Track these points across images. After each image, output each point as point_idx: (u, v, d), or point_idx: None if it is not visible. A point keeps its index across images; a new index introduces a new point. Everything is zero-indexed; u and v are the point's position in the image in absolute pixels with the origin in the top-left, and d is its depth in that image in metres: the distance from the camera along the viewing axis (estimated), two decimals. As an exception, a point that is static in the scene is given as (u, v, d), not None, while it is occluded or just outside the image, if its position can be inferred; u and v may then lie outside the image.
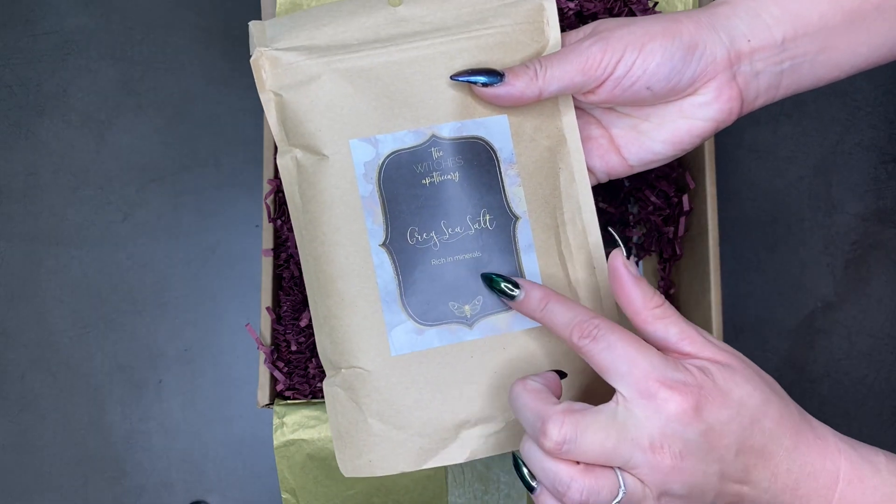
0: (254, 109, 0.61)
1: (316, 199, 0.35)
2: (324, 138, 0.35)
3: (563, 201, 0.36)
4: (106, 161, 0.61)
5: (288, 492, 0.47)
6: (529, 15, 0.36)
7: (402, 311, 0.35)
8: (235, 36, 0.62)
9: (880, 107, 0.62)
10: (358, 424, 0.35)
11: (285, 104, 0.35)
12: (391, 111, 0.35)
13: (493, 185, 0.35)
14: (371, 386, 0.35)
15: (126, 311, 0.60)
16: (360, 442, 0.35)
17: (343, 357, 0.35)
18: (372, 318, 0.35)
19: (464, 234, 0.35)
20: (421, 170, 0.35)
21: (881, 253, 0.61)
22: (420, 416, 0.35)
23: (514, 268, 0.35)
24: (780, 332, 0.61)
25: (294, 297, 0.50)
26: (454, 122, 0.35)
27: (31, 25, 0.61)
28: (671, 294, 0.55)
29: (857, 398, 0.60)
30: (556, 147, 0.36)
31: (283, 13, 0.48)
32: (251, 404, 0.60)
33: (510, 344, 0.35)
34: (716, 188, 0.50)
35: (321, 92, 0.35)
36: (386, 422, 0.35)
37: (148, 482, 0.59)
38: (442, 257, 0.35)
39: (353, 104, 0.35)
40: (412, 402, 0.35)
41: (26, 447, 0.59)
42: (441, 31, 0.36)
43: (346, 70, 0.35)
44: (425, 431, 0.35)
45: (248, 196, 0.61)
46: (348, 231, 0.35)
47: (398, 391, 0.34)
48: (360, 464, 0.35)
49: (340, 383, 0.35)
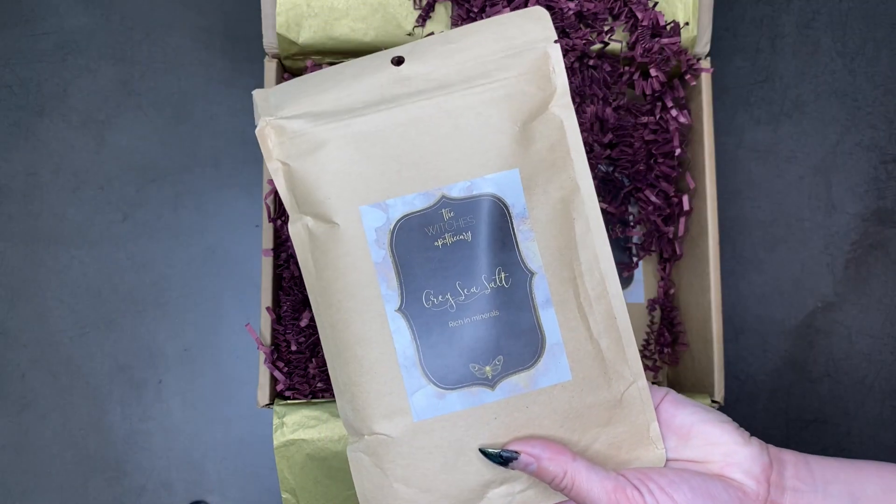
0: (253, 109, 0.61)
1: (329, 267, 0.35)
2: (333, 206, 0.35)
3: (579, 252, 0.36)
4: (106, 161, 0.61)
5: (288, 492, 0.47)
6: (534, 64, 0.36)
7: (421, 375, 0.34)
8: (235, 36, 0.62)
9: (880, 107, 0.62)
10: (384, 489, 0.35)
11: (293, 173, 0.35)
12: (399, 174, 0.35)
13: (506, 242, 0.35)
14: (395, 452, 0.35)
15: (126, 311, 0.60)
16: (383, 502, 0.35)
17: (365, 424, 0.35)
18: (392, 384, 0.34)
19: (480, 294, 0.35)
20: (432, 232, 0.35)
21: (881, 253, 0.61)
22: (445, 478, 0.34)
23: (533, 324, 0.35)
24: (780, 332, 0.61)
25: (294, 297, 0.50)
26: (463, 181, 0.35)
27: (31, 25, 0.61)
28: (671, 294, 0.55)
29: (857, 398, 0.60)
30: (569, 197, 0.36)
31: (283, 13, 0.48)
32: (251, 404, 0.60)
33: (533, 403, 0.35)
34: (716, 188, 0.50)
35: (328, 159, 0.35)
36: (411, 486, 0.35)
37: (148, 482, 0.59)
38: (459, 319, 0.35)
39: (360, 170, 0.35)
40: (437, 466, 0.34)
41: (26, 447, 0.59)
42: (445, 87, 0.35)
43: (352, 135, 0.35)
44: (451, 493, 0.34)
45: (248, 196, 0.61)
46: (363, 297, 0.34)
47: (422, 456, 0.34)
48: None
49: (364, 449, 0.35)
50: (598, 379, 0.35)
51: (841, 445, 0.60)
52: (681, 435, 0.35)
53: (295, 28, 0.48)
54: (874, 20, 0.62)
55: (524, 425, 0.34)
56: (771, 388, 0.60)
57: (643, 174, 0.52)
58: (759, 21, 0.62)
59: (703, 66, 0.50)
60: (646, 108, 0.52)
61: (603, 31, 0.49)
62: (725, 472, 0.33)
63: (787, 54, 0.62)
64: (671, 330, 0.54)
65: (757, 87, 0.62)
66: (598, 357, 0.35)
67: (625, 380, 0.35)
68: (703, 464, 0.34)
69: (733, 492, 0.32)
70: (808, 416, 0.60)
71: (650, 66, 0.50)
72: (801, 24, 0.62)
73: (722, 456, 0.33)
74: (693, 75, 0.50)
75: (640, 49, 0.49)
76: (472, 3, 0.48)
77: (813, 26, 0.62)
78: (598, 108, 0.50)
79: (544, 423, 0.35)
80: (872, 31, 0.62)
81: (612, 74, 0.51)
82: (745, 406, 0.60)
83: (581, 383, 0.35)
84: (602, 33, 0.49)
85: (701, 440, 0.34)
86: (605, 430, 0.35)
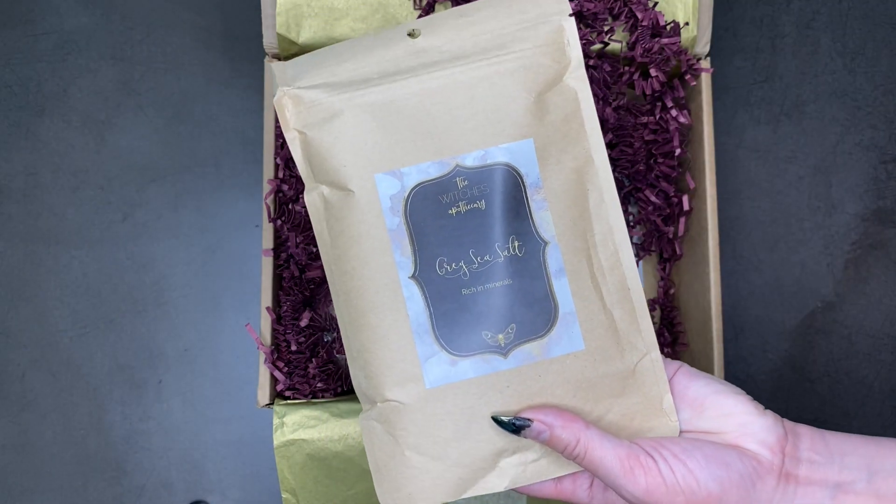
0: (254, 109, 0.61)
1: (344, 234, 0.35)
2: (349, 174, 0.35)
3: (592, 223, 0.36)
4: (106, 161, 0.61)
5: (288, 492, 0.47)
6: (549, 36, 0.36)
7: (434, 342, 0.35)
8: (236, 36, 0.62)
9: (880, 107, 0.62)
10: (395, 457, 0.35)
11: (310, 142, 0.36)
12: (414, 143, 0.35)
13: (520, 211, 0.35)
14: (407, 419, 0.35)
15: (126, 311, 0.60)
16: (399, 475, 0.35)
17: (378, 391, 0.35)
18: (405, 351, 0.35)
19: (493, 262, 0.35)
20: (447, 200, 0.35)
21: (881, 253, 0.61)
22: (458, 446, 0.35)
23: (546, 293, 0.35)
24: (780, 332, 0.61)
25: (294, 297, 0.50)
26: (477, 150, 0.35)
27: (31, 25, 0.61)
28: (671, 294, 0.55)
29: (857, 398, 0.60)
30: (583, 168, 0.36)
31: (283, 13, 0.48)
32: (251, 404, 0.59)
33: (546, 371, 0.35)
34: (716, 188, 0.50)
35: (344, 128, 0.35)
36: (423, 454, 0.35)
37: (148, 482, 0.59)
38: (472, 286, 0.35)
39: (376, 138, 0.35)
40: (449, 434, 0.35)
41: (26, 447, 0.59)
42: (460, 59, 0.35)
43: (368, 104, 0.35)
44: (463, 462, 0.35)
45: (248, 196, 0.61)
46: (377, 264, 0.35)
47: (434, 423, 0.35)
48: (400, 497, 0.35)
49: (376, 417, 0.35)
50: (612, 349, 0.35)
51: (841, 445, 0.60)
52: (694, 406, 0.35)
53: (295, 28, 0.48)
54: (874, 20, 0.62)
55: (537, 394, 0.35)
56: (771, 388, 0.60)
57: (643, 174, 0.52)
58: (759, 21, 0.62)
59: (703, 66, 0.50)
60: (646, 108, 0.52)
61: (603, 31, 0.49)
62: (740, 442, 0.33)
63: (787, 54, 0.62)
64: (671, 330, 0.54)
65: (757, 87, 0.62)
66: (612, 327, 0.35)
67: (638, 351, 0.36)
68: (717, 434, 0.34)
69: (748, 461, 0.32)
70: (808, 416, 0.60)
71: (650, 66, 0.50)
72: (801, 24, 0.62)
73: (736, 426, 0.33)
74: (693, 75, 0.50)
75: (640, 49, 0.49)
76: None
77: (813, 26, 0.62)
78: (599, 108, 0.50)
79: (557, 392, 0.35)
80: (872, 31, 0.62)
81: (612, 74, 0.51)
82: (745, 406, 0.60)
83: (594, 353, 0.35)
84: (602, 33, 0.49)
85: (715, 411, 0.34)
86: (618, 400, 0.35)
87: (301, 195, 0.50)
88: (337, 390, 0.50)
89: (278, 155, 0.50)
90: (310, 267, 0.50)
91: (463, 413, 0.35)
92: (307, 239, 0.50)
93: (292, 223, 0.49)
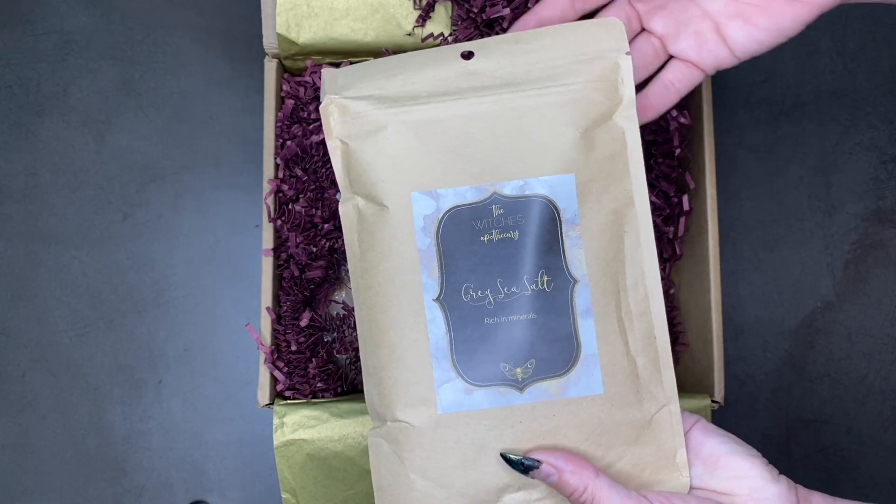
0: (254, 109, 0.61)
1: (374, 249, 0.35)
2: (386, 189, 0.35)
3: (626, 265, 0.35)
4: (106, 161, 0.61)
5: (288, 492, 0.47)
6: (604, 73, 0.35)
7: (451, 368, 0.34)
8: (236, 36, 0.62)
9: (880, 107, 0.62)
10: (400, 478, 0.35)
11: (351, 153, 0.35)
12: (454, 166, 0.34)
13: (553, 246, 0.35)
14: (415, 441, 0.34)
15: (126, 311, 0.60)
16: (401, 496, 0.35)
17: (389, 409, 0.35)
18: (421, 374, 0.34)
19: (520, 294, 0.34)
20: (480, 226, 0.35)
21: (881, 253, 0.61)
22: (463, 476, 0.34)
23: (570, 332, 0.35)
24: (780, 332, 0.61)
25: (294, 297, 0.50)
26: (517, 180, 0.34)
27: (31, 25, 0.61)
28: (671, 294, 0.55)
29: (857, 398, 0.60)
30: (622, 209, 0.35)
31: (283, 13, 0.48)
32: (251, 404, 0.60)
33: (560, 411, 0.34)
34: (716, 188, 0.50)
35: (387, 143, 0.35)
36: (428, 479, 0.34)
37: (148, 482, 0.59)
38: (496, 316, 0.34)
39: (417, 157, 0.35)
40: (456, 462, 0.34)
41: (26, 447, 0.59)
42: (511, 86, 0.35)
43: (413, 122, 0.35)
44: (468, 492, 0.34)
45: (248, 196, 0.61)
46: (403, 283, 0.34)
47: (443, 450, 0.34)
48: None
49: (385, 435, 0.35)
50: (630, 396, 0.35)
51: (841, 445, 0.60)
52: (708, 464, 0.34)
53: (295, 28, 0.48)
54: (874, 20, 0.62)
55: (549, 433, 0.34)
56: (771, 388, 0.60)
57: (643, 174, 0.52)
58: (759, 21, 0.62)
59: (703, 66, 0.50)
60: (646, 108, 0.52)
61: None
62: None
63: (787, 54, 0.62)
64: (671, 330, 0.54)
65: (757, 87, 0.62)
66: (633, 374, 0.35)
67: (657, 401, 0.35)
68: (727, 496, 0.33)
69: None
70: (808, 415, 0.60)
71: (650, 66, 0.50)
72: (801, 24, 0.62)
73: (748, 490, 0.33)
74: (693, 75, 0.50)
75: (640, 49, 0.49)
76: (472, 3, 0.48)
77: (813, 26, 0.62)
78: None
79: (570, 433, 0.34)
80: (872, 31, 0.62)
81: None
82: (745, 406, 0.60)
83: (612, 398, 0.35)
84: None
85: (728, 472, 0.34)
86: (631, 449, 0.35)
87: (301, 195, 0.50)
88: (337, 390, 0.50)
89: (278, 155, 0.50)
90: (310, 267, 0.50)
91: (472, 443, 0.34)
92: (307, 239, 0.50)
93: (292, 223, 0.49)
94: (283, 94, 0.51)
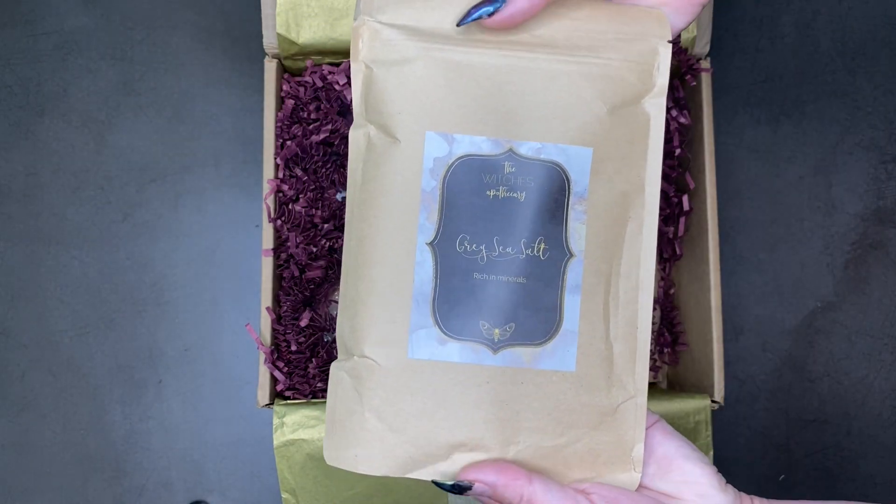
0: (254, 109, 0.61)
1: (377, 181, 0.34)
2: (402, 122, 0.34)
3: (623, 251, 0.35)
4: (106, 161, 0.61)
5: (288, 492, 0.47)
6: (641, 55, 0.35)
7: (430, 315, 0.34)
8: (236, 36, 0.62)
9: (880, 107, 0.62)
10: (354, 415, 0.34)
11: (373, 79, 0.34)
12: (475, 114, 0.34)
13: (556, 216, 0.34)
14: (378, 381, 0.34)
15: (126, 311, 0.60)
16: (352, 434, 0.34)
17: (358, 344, 0.34)
18: (398, 314, 0.34)
19: (514, 257, 0.34)
20: (489, 181, 0.34)
21: (881, 253, 0.61)
22: (418, 424, 0.34)
23: (555, 304, 0.34)
24: (780, 332, 0.61)
25: (294, 297, 0.50)
26: (535, 142, 0.34)
27: (31, 25, 0.61)
28: (671, 294, 0.55)
29: (857, 398, 0.60)
30: (631, 195, 0.35)
31: (283, 13, 0.48)
32: (251, 404, 0.60)
33: (529, 381, 0.34)
34: (716, 188, 0.50)
35: (412, 76, 0.34)
36: (383, 420, 0.34)
37: (148, 482, 0.59)
38: (486, 273, 0.34)
39: (440, 96, 0.34)
40: (415, 410, 0.34)
41: (26, 447, 0.59)
42: (549, 47, 0.34)
43: (443, 60, 0.34)
44: (418, 443, 0.34)
45: (248, 196, 0.61)
46: (400, 220, 0.34)
47: (404, 395, 0.34)
48: (346, 456, 0.34)
49: (349, 369, 0.35)
50: (601, 381, 0.35)
51: (841, 445, 0.60)
52: (661, 465, 0.34)
53: (295, 28, 0.48)
54: (874, 20, 0.62)
55: (512, 399, 0.34)
56: (771, 388, 0.60)
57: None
58: (759, 21, 0.62)
59: (702, 66, 0.50)
60: (646, 108, 0.52)
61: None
62: None
63: (787, 54, 0.62)
64: (671, 330, 0.54)
65: (757, 87, 0.62)
66: (608, 359, 0.35)
67: (626, 391, 0.35)
68: (674, 499, 0.33)
69: None
70: (808, 415, 0.60)
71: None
72: (801, 24, 0.62)
73: (695, 496, 0.33)
74: (693, 75, 0.50)
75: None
76: (472, 3, 0.48)
77: (813, 26, 0.62)
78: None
79: (533, 404, 0.34)
80: (872, 31, 0.62)
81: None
82: (745, 406, 0.60)
83: (582, 379, 0.34)
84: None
85: (678, 476, 0.34)
86: (591, 433, 0.35)
87: (301, 195, 0.50)
88: (337, 390, 0.50)
89: (278, 155, 0.50)
90: (310, 267, 0.50)
91: (435, 393, 0.34)
92: (307, 239, 0.50)
93: (292, 223, 0.49)
94: (283, 94, 0.51)
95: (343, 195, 0.52)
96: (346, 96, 0.51)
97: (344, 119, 0.51)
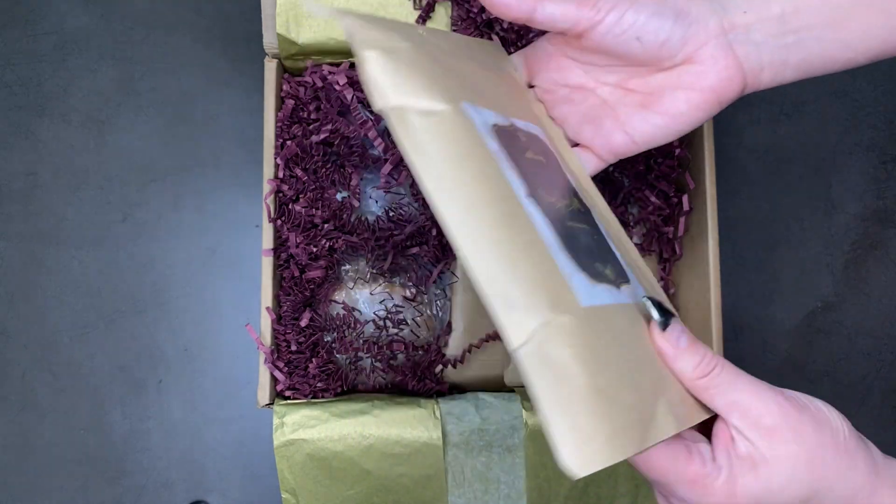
0: (254, 109, 0.61)
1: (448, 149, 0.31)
2: (439, 95, 0.31)
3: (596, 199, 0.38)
4: (106, 161, 0.61)
5: (288, 492, 0.47)
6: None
7: (570, 261, 0.31)
8: (235, 36, 0.62)
9: (880, 107, 0.62)
10: (573, 379, 0.28)
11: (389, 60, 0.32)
12: (483, 95, 0.35)
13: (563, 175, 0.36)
14: (576, 338, 0.28)
15: (126, 311, 0.60)
16: (583, 402, 0.27)
17: (538, 311, 0.28)
18: (549, 267, 0.30)
19: (573, 209, 0.34)
20: (520, 144, 0.34)
21: (881, 253, 0.61)
22: (626, 373, 0.29)
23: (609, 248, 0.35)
24: (780, 332, 0.61)
25: (294, 297, 0.50)
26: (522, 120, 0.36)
27: (31, 25, 0.61)
28: (671, 294, 0.55)
29: (857, 398, 0.60)
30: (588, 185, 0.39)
31: (283, 13, 0.48)
32: (251, 404, 0.60)
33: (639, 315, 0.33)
34: (716, 188, 0.50)
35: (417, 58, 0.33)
36: (601, 376, 0.28)
37: (148, 482, 0.59)
38: (571, 221, 0.33)
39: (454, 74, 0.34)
40: (618, 361, 0.29)
41: (26, 447, 0.59)
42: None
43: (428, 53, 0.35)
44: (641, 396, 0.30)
45: (247, 196, 0.61)
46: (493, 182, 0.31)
47: (602, 344, 0.29)
48: (596, 445, 0.27)
49: (543, 342, 0.28)
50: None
51: (841, 445, 0.60)
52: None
53: (295, 28, 0.48)
54: (874, 20, 0.62)
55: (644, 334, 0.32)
56: (771, 388, 0.60)
57: (643, 174, 0.52)
58: (759, 21, 0.63)
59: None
60: (646, 108, 0.52)
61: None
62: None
63: (787, 54, 0.62)
64: (671, 330, 0.54)
65: (757, 87, 0.62)
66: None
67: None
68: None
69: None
70: (808, 416, 0.60)
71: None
72: (801, 24, 0.62)
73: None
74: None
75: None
76: (472, 3, 0.48)
77: (813, 26, 0.62)
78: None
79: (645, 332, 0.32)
80: (872, 31, 0.62)
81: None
82: (745, 406, 0.60)
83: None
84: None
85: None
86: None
87: (301, 195, 0.50)
88: (337, 390, 0.50)
89: (278, 155, 0.50)
90: (310, 267, 0.50)
91: (615, 338, 0.30)
92: (307, 239, 0.50)
93: (292, 223, 0.49)
94: (283, 94, 0.51)
95: (343, 195, 0.52)
96: (346, 96, 0.51)
97: (344, 119, 0.51)
